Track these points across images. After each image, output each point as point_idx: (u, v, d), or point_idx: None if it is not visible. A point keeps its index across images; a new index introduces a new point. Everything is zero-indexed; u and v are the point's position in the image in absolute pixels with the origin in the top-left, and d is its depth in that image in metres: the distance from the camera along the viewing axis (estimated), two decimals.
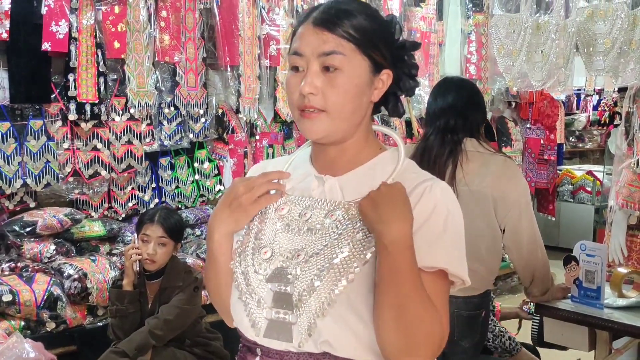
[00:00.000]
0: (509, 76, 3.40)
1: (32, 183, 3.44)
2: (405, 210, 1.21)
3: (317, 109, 1.26)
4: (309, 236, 1.29)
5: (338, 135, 1.30)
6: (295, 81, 1.28)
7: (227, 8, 4.10)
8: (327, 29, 1.25)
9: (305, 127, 1.28)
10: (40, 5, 3.40)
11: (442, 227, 1.26)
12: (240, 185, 1.33)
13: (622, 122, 3.48)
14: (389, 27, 1.33)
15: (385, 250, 1.18)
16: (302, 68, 1.27)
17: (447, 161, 2.59)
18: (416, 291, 1.19)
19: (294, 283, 1.24)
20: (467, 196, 2.54)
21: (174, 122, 4.03)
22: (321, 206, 1.31)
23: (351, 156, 1.34)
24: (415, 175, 1.33)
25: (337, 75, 1.25)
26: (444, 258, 1.25)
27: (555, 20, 3.22)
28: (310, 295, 1.22)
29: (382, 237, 1.19)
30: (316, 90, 1.25)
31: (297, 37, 1.30)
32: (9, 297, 3.10)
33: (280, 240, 1.31)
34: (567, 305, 2.83)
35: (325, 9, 1.28)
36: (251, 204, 1.32)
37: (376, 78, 1.30)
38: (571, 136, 9.28)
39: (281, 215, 1.33)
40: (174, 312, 2.92)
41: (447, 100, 2.66)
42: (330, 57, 1.24)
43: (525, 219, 2.59)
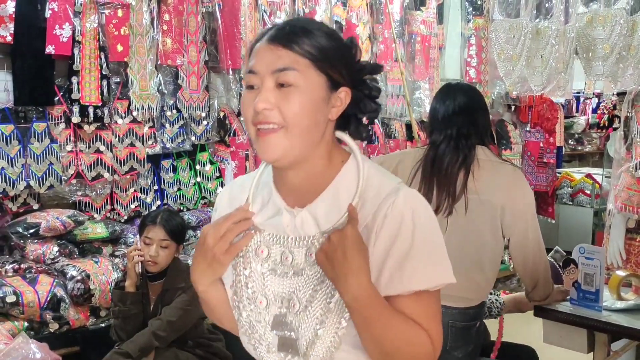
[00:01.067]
0: (509, 81, 3.43)
1: (36, 185, 3.47)
2: (360, 260, 1.19)
3: (273, 123, 1.22)
4: (297, 279, 1.29)
5: (295, 153, 1.25)
6: (249, 98, 1.25)
7: (229, 12, 4.13)
8: (282, 45, 1.23)
9: (261, 148, 1.25)
10: (44, 8, 3.43)
11: (410, 244, 1.24)
12: (209, 237, 1.29)
13: (620, 126, 3.50)
14: (347, 48, 1.31)
15: (350, 307, 1.21)
16: (257, 86, 1.25)
17: (460, 170, 2.55)
18: (390, 329, 1.22)
19: (297, 331, 1.27)
20: (477, 205, 2.53)
21: (176, 125, 4.05)
22: (299, 244, 1.29)
23: (315, 179, 1.31)
24: (376, 191, 1.28)
25: (291, 91, 1.22)
26: (419, 279, 1.25)
27: (554, 25, 3.25)
28: (315, 342, 1.25)
29: (343, 295, 1.20)
30: (270, 106, 1.22)
31: (252, 55, 1.27)
32: (13, 298, 3.12)
33: (270, 285, 1.31)
34: (566, 308, 2.84)
35: (281, 26, 1.27)
36: (224, 255, 1.29)
37: (333, 95, 1.27)
38: (570, 139, 9.29)
39: (263, 258, 1.32)
40: (176, 313, 2.94)
41: (458, 104, 2.61)
42: (284, 73, 1.22)
43: (532, 230, 2.60)
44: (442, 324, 2.74)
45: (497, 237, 2.60)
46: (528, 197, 2.64)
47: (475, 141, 2.60)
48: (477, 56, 5.60)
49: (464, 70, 5.67)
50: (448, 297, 2.56)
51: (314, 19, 1.35)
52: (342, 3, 4.72)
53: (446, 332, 2.59)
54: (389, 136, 5.15)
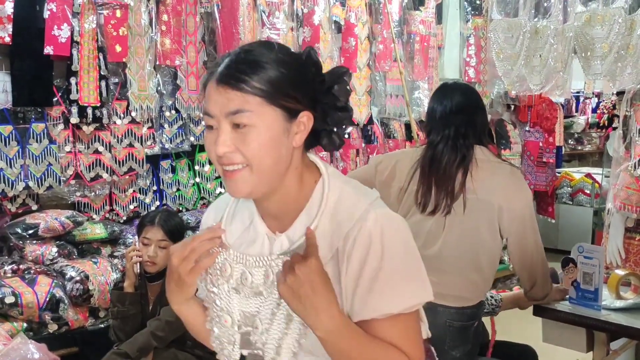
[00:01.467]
0: (507, 80, 3.43)
1: (34, 186, 3.47)
2: (328, 293, 1.19)
3: (237, 163, 1.22)
4: (257, 300, 1.31)
5: (264, 188, 1.26)
6: (210, 140, 1.25)
7: (228, 12, 4.13)
8: (230, 86, 1.20)
9: (230, 187, 1.26)
10: (42, 9, 3.42)
11: (378, 267, 1.23)
12: (173, 256, 1.30)
13: (619, 125, 3.50)
14: (302, 67, 1.27)
15: (323, 341, 1.21)
16: (215, 126, 1.24)
17: (458, 169, 2.56)
18: (367, 357, 1.23)
19: (263, 349, 1.29)
20: (475, 205, 2.54)
21: (175, 125, 4.05)
22: (258, 264, 1.30)
23: (290, 204, 1.31)
24: (348, 212, 1.27)
25: (248, 131, 1.21)
26: (391, 301, 1.24)
27: (553, 24, 3.25)
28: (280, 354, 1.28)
29: (315, 329, 1.20)
30: (230, 149, 1.22)
31: (206, 96, 1.25)
32: (12, 299, 3.12)
33: (234, 304, 1.33)
34: (565, 307, 2.85)
35: (228, 63, 1.23)
36: (187, 275, 1.29)
37: (294, 123, 1.25)
38: (570, 139, 9.30)
39: (227, 276, 1.33)
40: (175, 313, 2.93)
41: (455, 104, 2.61)
42: (238, 115, 1.20)
43: (530, 229, 2.60)
44: (440, 323, 2.76)
45: (495, 237, 2.61)
46: (526, 197, 2.64)
47: (473, 141, 2.61)
48: (476, 56, 5.59)
49: (463, 70, 5.67)
50: (446, 296, 2.56)
51: (264, 43, 1.30)
52: (341, 3, 4.71)
53: (444, 332, 2.60)
54: (388, 136, 5.15)
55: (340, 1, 4.71)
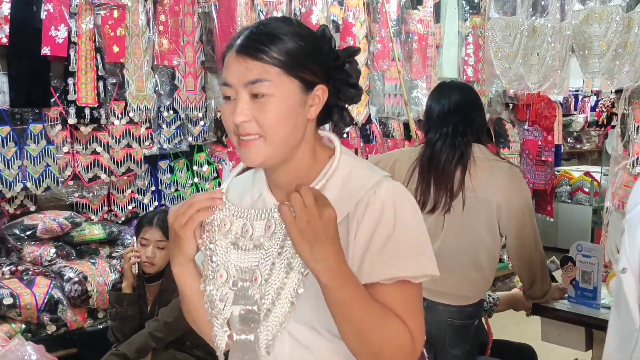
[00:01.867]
0: (505, 79, 3.43)
1: (32, 187, 3.46)
2: (336, 241, 1.19)
3: (253, 134, 1.25)
4: (256, 253, 1.30)
5: (277, 158, 1.29)
6: (228, 110, 1.28)
7: (226, 12, 4.12)
8: (250, 56, 1.24)
9: (244, 155, 1.28)
10: (39, 10, 3.41)
11: (391, 231, 1.24)
12: (170, 215, 1.33)
13: (617, 123, 3.50)
14: (318, 42, 1.31)
15: (326, 287, 1.20)
16: (233, 96, 1.26)
17: (456, 167, 2.57)
18: (368, 314, 1.21)
19: (256, 302, 1.28)
20: (474, 203, 2.54)
21: (173, 126, 4.05)
22: (259, 217, 1.32)
23: (303, 176, 1.32)
24: (361, 182, 1.29)
25: (266, 101, 1.24)
26: (400, 266, 1.24)
27: (551, 23, 3.24)
28: (271, 311, 1.26)
29: (320, 275, 1.19)
30: (248, 118, 1.24)
31: (224, 66, 1.29)
32: (10, 300, 3.12)
33: (232, 259, 1.32)
34: (564, 306, 2.85)
35: (247, 35, 1.26)
36: (181, 229, 1.31)
37: (309, 96, 1.28)
38: (569, 137, 9.30)
39: (225, 232, 1.34)
40: (173, 314, 2.94)
41: (453, 102, 2.62)
42: (257, 85, 1.23)
43: (529, 227, 2.61)
44: (440, 322, 2.76)
45: (494, 235, 2.61)
46: (525, 195, 2.65)
47: (472, 139, 2.61)
48: (475, 55, 5.59)
49: (461, 68, 5.66)
50: (445, 295, 2.56)
51: (281, 18, 1.33)
52: (339, 2, 4.71)
53: (444, 330, 2.60)
54: (386, 135, 5.15)
55: (338, 0, 4.71)
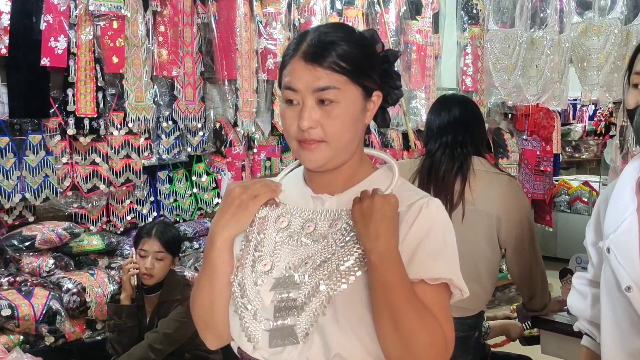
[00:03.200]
0: (504, 90, 3.43)
1: (31, 197, 3.46)
2: (393, 226, 1.24)
3: (317, 140, 1.28)
4: (313, 246, 1.32)
5: (337, 162, 1.32)
6: (291, 114, 1.30)
7: (225, 22, 4.13)
8: (318, 64, 1.27)
9: (306, 158, 1.31)
10: (39, 21, 3.42)
11: (442, 241, 1.30)
12: (237, 187, 1.35)
13: (616, 135, 3.50)
14: (373, 47, 1.35)
15: (374, 266, 1.22)
16: (297, 102, 1.29)
17: (456, 177, 2.56)
18: (409, 303, 1.22)
19: (299, 288, 1.28)
20: (473, 215, 2.53)
21: (172, 136, 4.05)
22: (324, 217, 1.34)
23: (347, 176, 1.36)
24: (411, 192, 1.35)
25: (333, 108, 1.27)
26: (448, 270, 1.29)
27: (549, 35, 3.25)
28: (314, 296, 1.26)
29: (370, 253, 1.22)
30: (315, 124, 1.27)
31: (288, 71, 1.30)
32: (8, 312, 3.11)
33: (280, 252, 1.33)
34: (564, 318, 2.84)
35: (313, 42, 1.29)
36: (251, 200, 1.33)
37: (368, 101, 1.33)
38: (567, 146, 9.30)
39: (281, 227, 1.35)
40: (172, 325, 2.93)
41: (453, 114, 2.62)
42: (325, 92, 1.26)
43: (529, 239, 2.60)
44: None
45: (494, 248, 2.60)
46: (524, 207, 2.64)
47: (471, 150, 2.61)
48: (473, 65, 5.60)
49: (460, 79, 5.68)
50: None
51: (339, 24, 1.36)
52: (338, 13, 4.72)
53: None
54: (385, 145, 5.15)
55: (337, 11, 4.72)
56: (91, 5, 3.51)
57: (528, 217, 2.63)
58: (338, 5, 4.74)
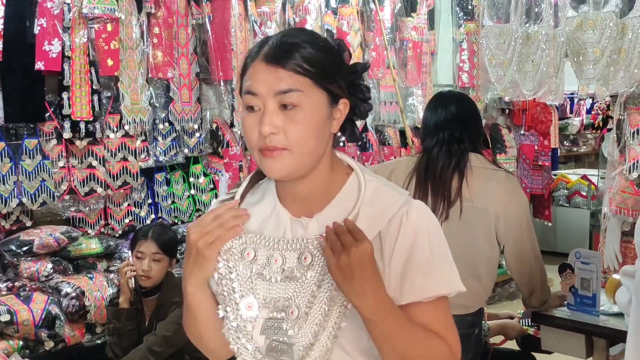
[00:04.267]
0: (500, 86, 3.42)
1: (28, 202, 3.44)
2: (376, 274, 1.19)
3: (279, 148, 1.21)
4: (288, 284, 1.26)
5: (301, 171, 1.26)
6: (252, 121, 1.23)
7: (220, 23, 4.12)
8: (281, 65, 1.21)
9: (268, 166, 1.24)
10: (32, 24, 3.41)
11: (428, 252, 1.25)
12: (193, 232, 1.27)
13: (613, 129, 3.49)
14: (340, 55, 1.30)
15: (370, 321, 1.20)
16: (258, 107, 1.23)
17: (453, 174, 2.55)
18: (412, 341, 1.22)
19: (295, 336, 1.24)
20: (471, 212, 2.53)
21: (168, 138, 4.04)
22: (291, 248, 1.27)
23: (321, 190, 1.30)
24: (389, 200, 1.28)
25: (296, 112, 1.21)
26: (440, 284, 1.26)
27: (544, 30, 3.24)
28: (314, 345, 1.23)
29: (362, 310, 1.19)
30: (277, 130, 1.21)
31: (248, 75, 1.24)
32: (7, 317, 3.10)
33: (258, 289, 1.28)
34: (564, 313, 2.84)
35: (275, 44, 1.23)
36: (207, 248, 1.26)
37: (334, 109, 1.27)
38: (565, 140, 9.29)
39: (249, 260, 1.29)
40: (172, 328, 2.92)
41: (450, 111, 2.61)
42: (288, 95, 1.20)
43: (527, 236, 2.60)
44: None
45: (493, 245, 2.60)
46: (522, 203, 2.64)
47: (468, 146, 2.60)
48: (469, 61, 5.59)
49: (456, 75, 5.67)
50: None
51: (302, 29, 1.34)
52: (333, 11, 4.71)
53: None
54: (382, 143, 5.14)
55: (332, 9, 4.71)
56: (85, 8, 3.49)
57: (526, 214, 2.63)
58: (333, 4, 4.72)
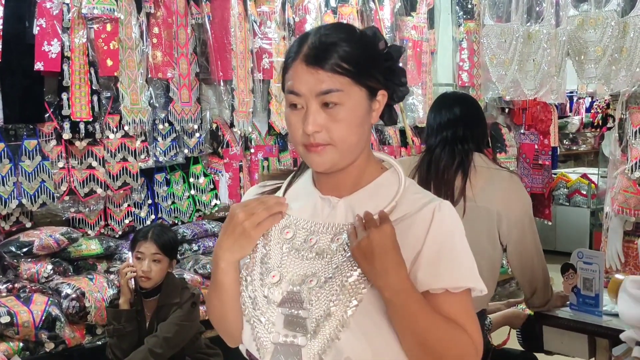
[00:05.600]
0: (501, 85, 3.41)
1: (28, 203, 3.43)
2: (397, 256, 1.23)
3: (323, 144, 1.27)
4: (317, 261, 1.30)
5: (344, 164, 1.31)
6: (296, 119, 1.28)
7: (219, 23, 4.11)
8: (320, 66, 1.25)
9: (313, 161, 1.30)
10: (32, 25, 3.40)
11: (458, 246, 1.30)
12: (240, 212, 1.31)
13: (614, 128, 3.49)
14: (375, 45, 1.32)
15: (391, 302, 1.21)
16: (301, 106, 1.27)
17: (457, 173, 2.54)
18: (434, 325, 1.23)
19: (309, 309, 1.26)
20: (474, 212, 2.51)
21: (168, 138, 4.03)
22: (326, 230, 1.32)
23: (355, 177, 1.35)
24: (420, 195, 1.34)
25: (338, 111, 1.26)
26: (470, 277, 1.29)
27: (546, 29, 3.23)
28: (326, 319, 1.24)
29: (384, 290, 1.21)
30: (320, 128, 1.26)
31: (290, 75, 1.29)
32: (7, 319, 3.08)
33: (288, 264, 1.32)
34: (566, 314, 2.83)
35: (314, 45, 1.27)
36: (254, 229, 1.31)
37: (373, 101, 1.31)
38: (565, 139, 9.28)
39: (286, 239, 1.34)
40: (172, 329, 2.92)
41: (453, 112, 2.61)
42: (329, 95, 1.25)
43: (530, 235, 2.59)
44: None
45: (495, 245, 2.58)
46: (525, 203, 2.63)
47: (472, 146, 2.59)
48: (469, 60, 5.59)
49: (456, 74, 5.66)
50: None
51: (339, 24, 1.37)
52: (332, 11, 4.70)
53: None
54: (383, 142, 5.13)
55: (332, 9, 4.70)
56: (84, 9, 3.48)
57: (529, 213, 2.61)
58: (332, 3, 4.71)
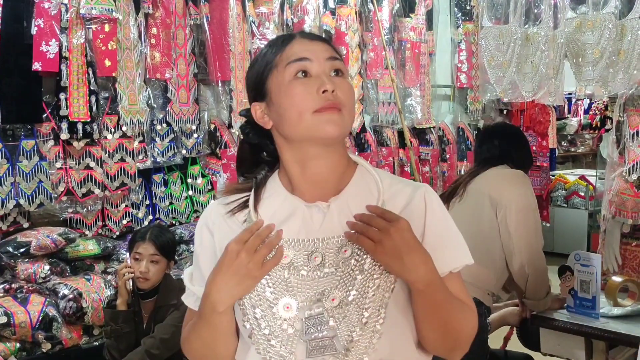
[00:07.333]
0: (499, 87, 3.42)
1: (25, 203, 3.43)
2: (422, 248, 1.24)
3: (338, 107, 1.27)
4: (329, 278, 1.26)
5: (346, 132, 1.31)
6: (304, 86, 1.26)
7: (218, 23, 4.11)
8: (322, 41, 1.34)
9: (330, 121, 1.25)
10: (30, 25, 3.39)
11: (451, 226, 1.34)
12: (242, 252, 1.23)
13: (612, 130, 3.49)
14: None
15: (422, 293, 1.23)
16: (310, 72, 1.28)
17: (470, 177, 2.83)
18: (454, 309, 1.28)
19: (335, 327, 1.24)
20: (468, 195, 2.71)
21: (166, 139, 4.02)
22: (328, 245, 1.28)
23: (339, 173, 1.33)
24: (401, 185, 1.36)
25: (343, 80, 1.30)
26: (464, 254, 1.34)
27: (544, 31, 3.23)
28: (360, 334, 1.23)
29: (416, 283, 1.23)
30: (335, 89, 1.27)
31: (292, 48, 1.30)
32: (4, 319, 3.08)
33: (296, 289, 1.26)
34: (563, 316, 2.84)
35: (305, 32, 1.40)
36: (259, 270, 1.24)
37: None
38: (563, 140, 9.28)
39: (284, 264, 1.27)
40: (170, 330, 2.91)
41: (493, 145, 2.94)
42: (337, 62, 1.31)
43: (521, 222, 2.65)
44: None
45: (495, 234, 2.68)
46: (519, 190, 2.84)
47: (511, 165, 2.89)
48: (468, 61, 5.59)
49: (455, 75, 5.66)
50: None
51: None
52: (331, 12, 4.70)
53: None
54: (381, 144, 5.13)
55: (331, 10, 4.70)
56: (82, 9, 3.48)
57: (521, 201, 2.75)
58: (331, 4, 4.71)
